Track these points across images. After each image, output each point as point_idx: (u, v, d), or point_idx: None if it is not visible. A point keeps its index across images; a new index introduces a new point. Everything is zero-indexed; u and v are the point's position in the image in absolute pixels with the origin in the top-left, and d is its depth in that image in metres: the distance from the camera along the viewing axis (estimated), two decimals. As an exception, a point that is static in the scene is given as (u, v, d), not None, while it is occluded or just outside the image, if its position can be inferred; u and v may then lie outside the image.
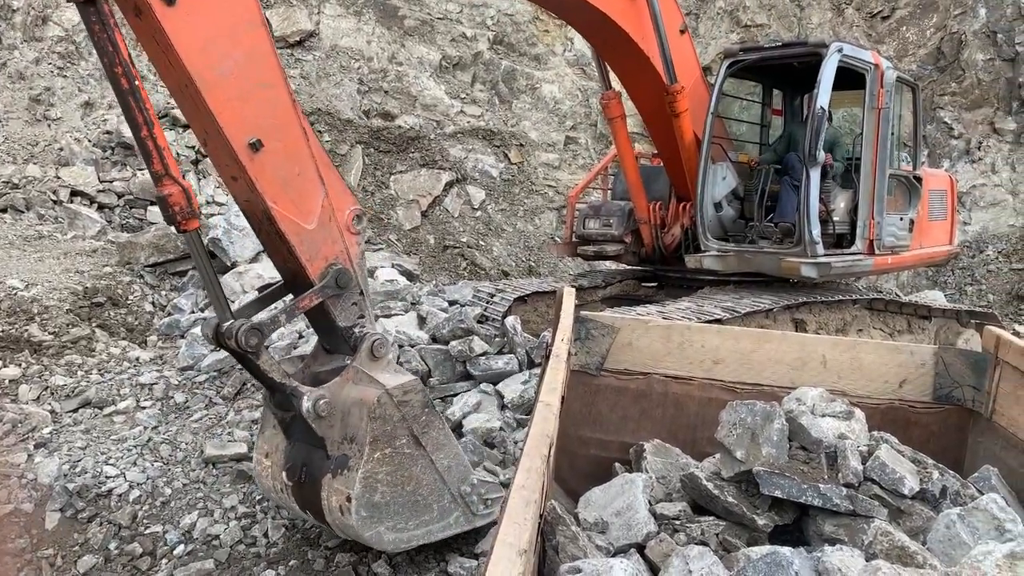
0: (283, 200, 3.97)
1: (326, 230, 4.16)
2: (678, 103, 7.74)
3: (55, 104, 13.40)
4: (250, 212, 4.12)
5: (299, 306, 4.12)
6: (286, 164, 3.98)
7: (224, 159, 3.91)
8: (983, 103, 16.06)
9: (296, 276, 4.22)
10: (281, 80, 3.99)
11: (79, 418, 6.36)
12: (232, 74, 3.75)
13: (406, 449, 4.25)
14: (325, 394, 4.10)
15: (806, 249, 7.57)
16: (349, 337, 4.32)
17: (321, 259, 4.16)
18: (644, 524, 2.86)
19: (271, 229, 4.04)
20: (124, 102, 3.56)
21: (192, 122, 3.99)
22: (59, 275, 8.69)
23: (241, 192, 4.03)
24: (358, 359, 4.25)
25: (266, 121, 3.89)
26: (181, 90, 3.78)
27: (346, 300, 4.27)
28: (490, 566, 1.28)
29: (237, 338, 3.84)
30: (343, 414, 4.17)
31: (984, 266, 15.13)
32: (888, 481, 2.79)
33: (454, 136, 16.77)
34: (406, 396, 4.23)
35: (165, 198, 3.64)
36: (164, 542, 5.12)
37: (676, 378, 3.90)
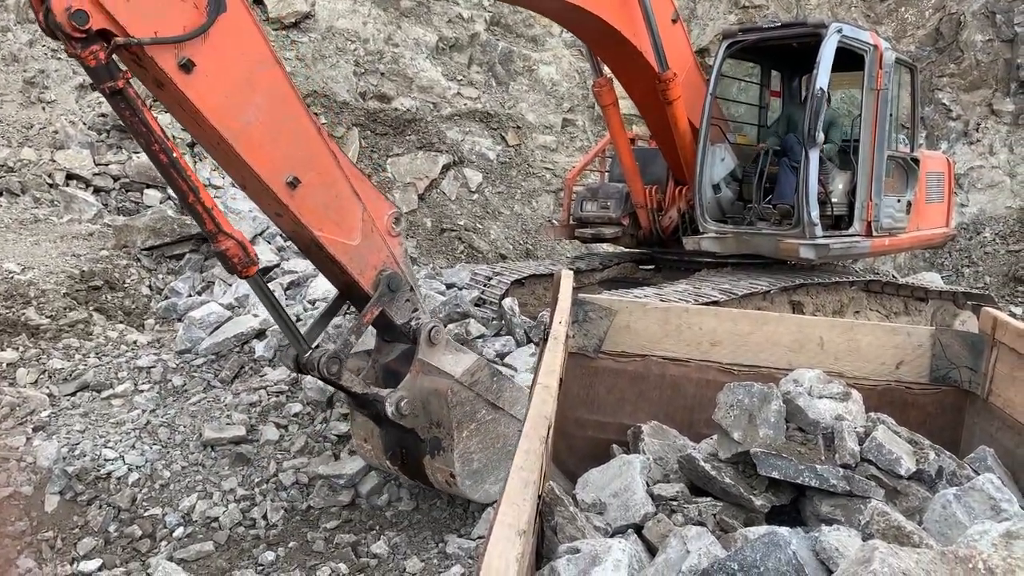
0: (328, 225, 4.13)
1: (370, 241, 4.34)
2: (670, 91, 7.69)
3: (49, 87, 13.30)
4: (298, 240, 4.31)
5: (363, 321, 4.37)
6: (324, 192, 4.10)
7: (266, 201, 4.04)
8: (981, 84, 16.02)
9: (350, 287, 4.44)
10: (303, 111, 4.06)
11: (77, 401, 6.37)
12: (257, 120, 3.83)
13: (488, 416, 4.71)
14: (404, 394, 4.42)
15: (804, 231, 7.57)
16: (407, 332, 4.59)
17: (371, 269, 4.36)
18: (642, 505, 2.88)
19: (321, 254, 4.22)
20: (167, 175, 3.68)
21: (229, 171, 4.11)
22: (55, 259, 8.66)
23: (287, 225, 4.19)
24: (420, 350, 4.53)
25: (298, 156, 3.98)
26: (214, 146, 3.88)
27: (400, 299, 4.50)
28: (489, 546, 1.29)
29: (320, 369, 4.18)
30: (423, 404, 4.54)
31: (981, 248, 15.15)
32: (885, 462, 2.80)
33: (451, 118, 16.70)
34: (474, 377, 4.65)
35: (224, 252, 3.82)
36: (163, 524, 5.14)
37: (674, 360, 3.91)
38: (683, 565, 1.90)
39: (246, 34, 3.84)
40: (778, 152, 8.49)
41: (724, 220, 8.34)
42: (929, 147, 16.07)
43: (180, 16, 3.58)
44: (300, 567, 4.83)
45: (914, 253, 15.48)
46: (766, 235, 7.95)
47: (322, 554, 4.97)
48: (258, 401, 6.27)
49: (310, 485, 5.55)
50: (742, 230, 8.14)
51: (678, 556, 1.97)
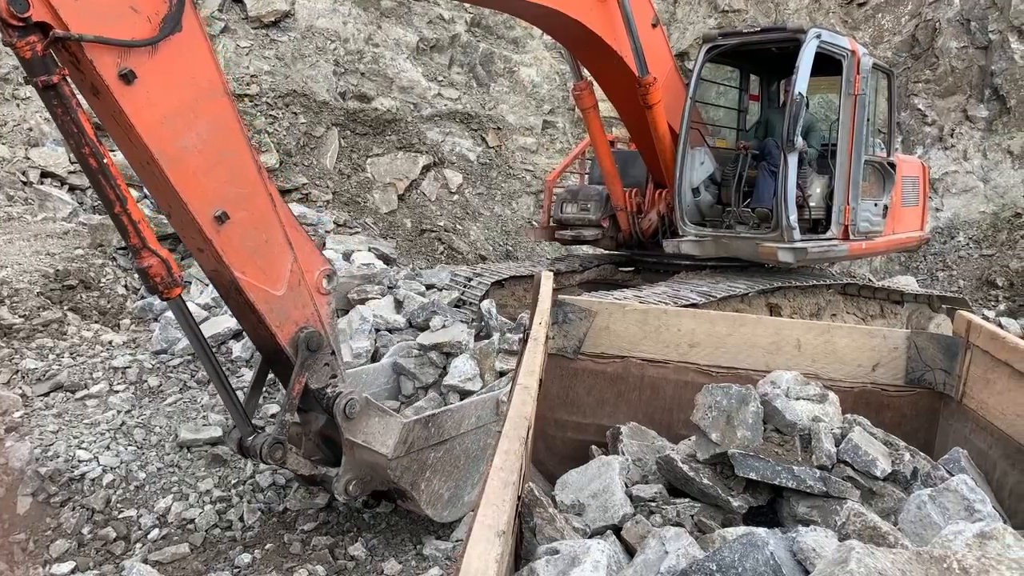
0: (251, 269, 3.92)
1: (295, 294, 4.11)
2: (650, 95, 7.72)
3: (23, 83, 13.13)
4: (217, 281, 4.07)
5: (293, 395, 4.19)
6: (253, 233, 3.91)
7: (190, 232, 3.85)
8: (956, 90, 16.23)
9: (265, 344, 4.23)
10: (245, 148, 3.90)
11: (51, 402, 6.28)
12: (195, 148, 3.67)
13: (438, 454, 4.57)
14: (349, 476, 4.39)
15: (783, 234, 7.62)
16: (321, 399, 4.34)
17: (291, 324, 4.11)
18: (620, 506, 2.89)
19: (239, 298, 3.98)
20: (94, 181, 3.53)
21: (156, 196, 3.94)
22: (29, 257, 8.55)
23: (207, 263, 3.98)
24: (343, 428, 4.37)
25: (231, 191, 3.81)
26: (143, 166, 3.70)
27: (318, 363, 4.25)
28: (468, 547, 1.28)
29: (263, 458, 4.11)
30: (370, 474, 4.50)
31: (955, 252, 15.34)
32: (861, 463, 2.83)
33: (431, 119, 16.68)
34: (408, 444, 4.41)
35: (145, 270, 3.63)
36: (138, 526, 5.09)
37: (652, 361, 3.93)
38: (662, 566, 1.91)
39: (198, 60, 3.69)
40: (757, 156, 8.55)
41: (703, 223, 8.39)
42: (905, 151, 16.26)
43: (130, 26, 3.42)
44: (277, 569, 4.79)
45: (890, 257, 15.64)
46: (745, 238, 8.00)
47: (299, 556, 4.93)
48: (235, 402, 6.21)
49: (287, 487, 5.51)
50: (721, 233, 8.19)
51: (656, 557, 1.97)
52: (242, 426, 4.15)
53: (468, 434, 4.77)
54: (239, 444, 4.20)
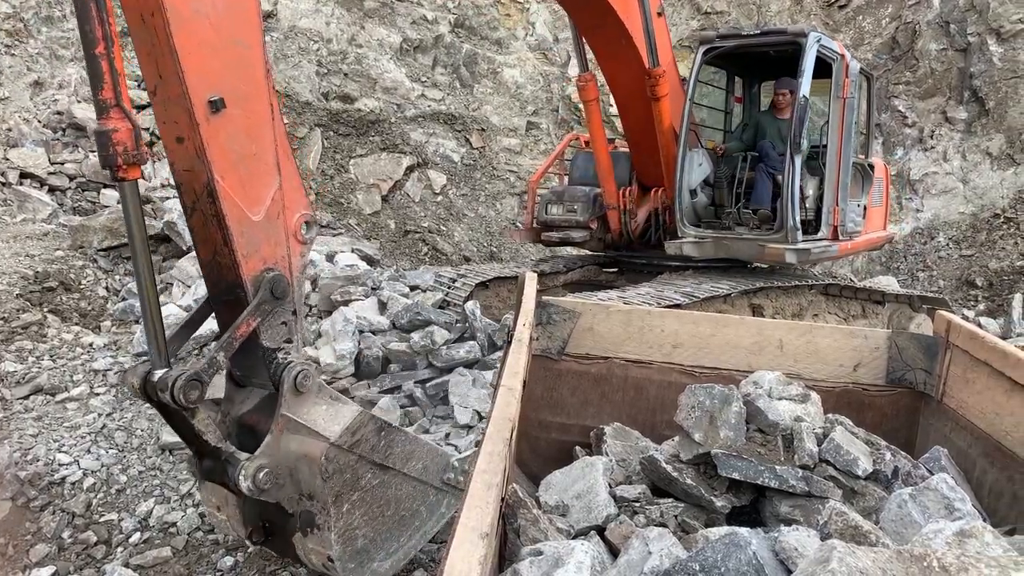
0: (231, 177, 3.42)
1: (272, 226, 3.60)
2: (660, 87, 7.75)
3: (3, 83, 13.00)
4: (187, 185, 3.49)
5: (237, 334, 3.46)
6: (244, 138, 3.46)
7: (175, 113, 3.33)
8: (936, 92, 16.38)
9: (222, 276, 3.59)
10: (258, 44, 3.49)
11: (30, 405, 6.22)
12: (208, 17, 3.25)
13: (374, 481, 3.78)
14: (264, 462, 3.44)
15: (787, 235, 7.69)
16: (271, 362, 3.63)
17: (259, 259, 3.57)
18: (604, 507, 2.89)
19: (209, 210, 3.44)
20: (83, 8, 2.99)
21: (145, 62, 3.37)
22: (8, 259, 8.46)
23: (183, 158, 3.44)
24: (284, 401, 3.57)
25: (233, 82, 3.39)
26: (143, 19, 3.18)
27: (276, 317, 3.62)
28: (452, 549, 1.28)
29: (174, 393, 3.20)
30: (289, 471, 3.59)
31: (935, 252, 15.48)
32: (842, 462, 2.85)
33: (415, 120, 16.65)
34: (356, 436, 3.67)
35: (108, 133, 3.08)
36: (119, 530, 5.04)
37: (636, 362, 3.94)
38: (645, 566, 1.91)
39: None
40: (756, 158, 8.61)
41: (698, 224, 8.44)
42: (886, 153, 16.40)
43: None
44: (260, 572, 4.76)
45: (871, 257, 15.77)
46: (747, 240, 8.06)
47: (281, 560, 4.91)
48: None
49: (271, 489, 5.48)
50: (722, 235, 8.23)
51: (640, 557, 1.98)
52: (156, 358, 3.36)
53: (408, 479, 3.99)
54: (143, 380, 3.36)
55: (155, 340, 3.34)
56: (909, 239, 15.91)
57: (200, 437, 3.42)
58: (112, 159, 3.11)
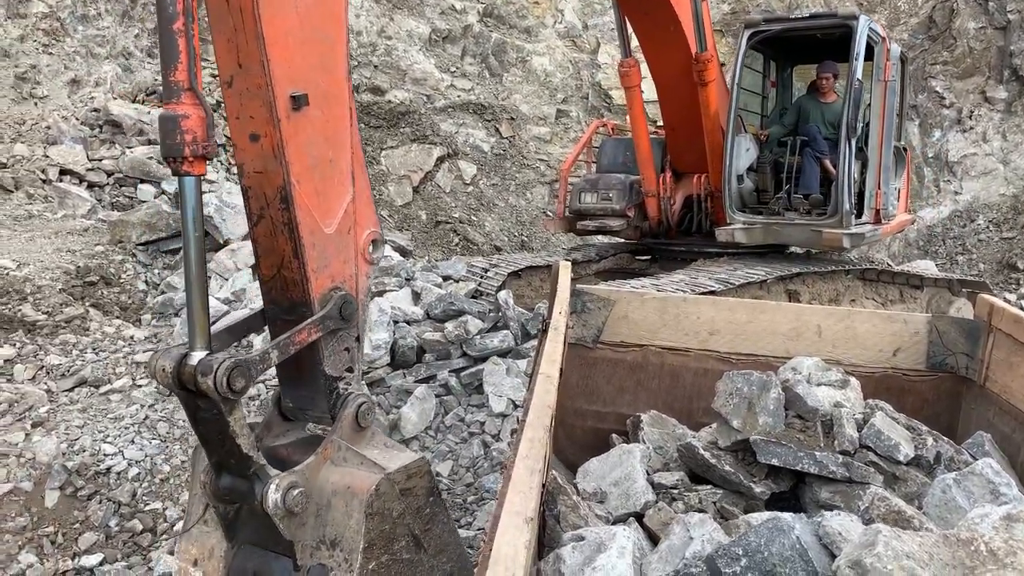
0: (307, 183, 3.11)
1: (343, 242, 3.29)
2: (708, 72, 7.68)
3: (41, 82, 13.26)
4: (257, 189, 3.14)
5: (295, 340, 3.10)
6: (322, 141, 3.17)
7: (252, 107, 3.02)
8: (974, 72, 16.04)
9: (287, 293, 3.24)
10: (343, 42, 3.23)
11: (75, 397, 6.36)
12: (294, 7, 3.00)
13: (404, 554, 3.27)
14: (298, 481, 3.00)
15: (842, 220, 7.63)
16: (331, 392, 3.30)
17: (328, 276, 3.24)
18: (642, 493, 2.90)
19: (281, 217, 3.10)
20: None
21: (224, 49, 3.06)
22: (51, 254, 8.64)
23: (256, 158, 3.10)
24: (339, 428, 3.20)
25: (316, 79, 3.11)
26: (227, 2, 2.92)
27: (340, 341, 3.30)
28: (498, 533, 1.30)
29: (217, 378, 2.74)
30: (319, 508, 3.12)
31: (975, 235, 15.20)
32: (884, 448, 2.83)
33: (444, 110, 16.68)
34: (410, 483, 3.24)
35: (177, 119, 2.72)
36: (164, 518, 5.15)
37: (672, 349, 3.93)
38: (687, 551, 1.92)
39: None
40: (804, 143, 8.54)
41: (743, 210, 8.39)
42: (923, 135, 16.11)
43: None
44: (301, 559, 4.84)
45: (908, 241, 15.53)
46: (799, 225, 8.00)
47: (322, 546, 4.98)
48: (257, 395, 6.27)
49: (310, 478, 5.56)
50: (772, 220, 8.17)
51: (681, 542, 1.99)
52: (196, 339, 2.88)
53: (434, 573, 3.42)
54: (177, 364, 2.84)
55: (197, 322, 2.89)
56: (948, 222, 15.63)
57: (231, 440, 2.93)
58: (178, 149, 2.73)
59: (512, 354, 6.54)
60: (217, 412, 2.84)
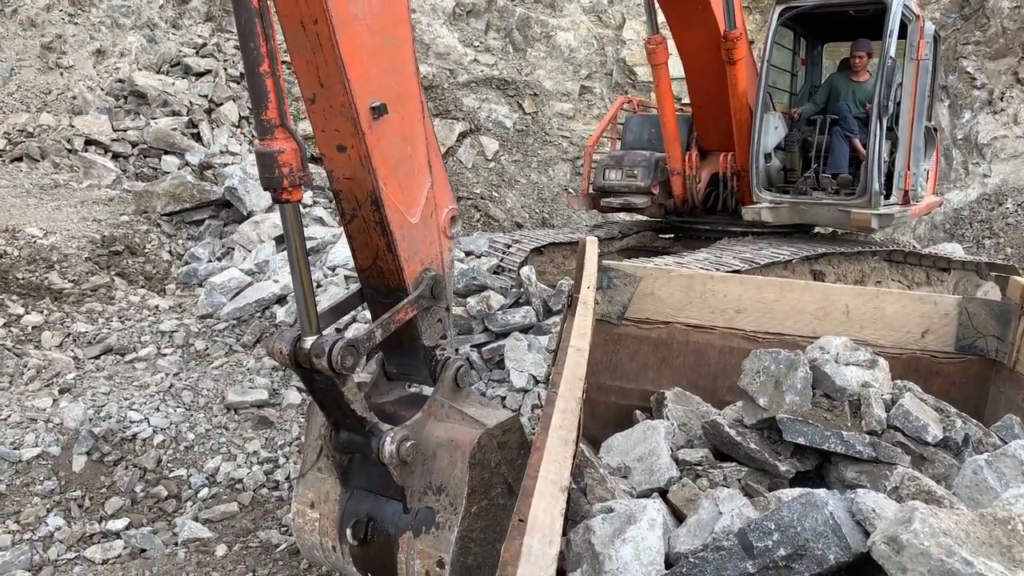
0: (393, 183, 3.36)
1: (426, 226, 3.58)
2: (736, 50, 7.56)
3: (67, 52, 13.31)
4: (347, 193, 3.44)
5: (395, 319, 3.47)
6: (400, 142, 3.37)
7: (336, 122, 3.24)
8: (1007, 52, 15.74)
9: (383, 281, 3.61)
10: (409, 38, 3.35)
11: (101, 364, 6.44)
12: (366, 18, 3.12)
13: (500, 500, 3.59)
14: (409, 434, 3.41)
15: (871, 200, 7.54)
16: (430, 360, 3.71)
17: (418, 261, 3.56)
18: (666, 469, 2.91)
19: (373, 217, 3.39)
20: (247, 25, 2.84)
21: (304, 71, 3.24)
22: (76, 223, 8.72)
23: (344, 167, 3.35)
24: (440, 389, 3.62)
25: (390, 84, 3.27)
26: (303, 26, 3.06)
27: (433, 315, 3.67)
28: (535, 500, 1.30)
29: (331, 357, 3.15)
30: (425, 458, 3.51)
31: (1003, 219, 14.98)
32: (912, 429, 2.81)
33: (467, 85, 16.60)
34: (505, 437, 3.55)
35: (274, 155, 2.94)
36: (188, 485, 5.22)
37: (697, 327, 3.92)
38: (716, 526, 1.92)
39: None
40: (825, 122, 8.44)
41: (770, 189, 8.31)
42: (953, 116, 15.85)
43: None
44: (323, 528, 4.90)
45: (934, 223, 15.34)
46: (827, 205, 7.91)
47: (344, 516, 5.03)
48: (280, 365, 6.32)
49: (332, 449, 5.61)
50: (800, 200, 8.09)
51: (710, 517, 1.98)
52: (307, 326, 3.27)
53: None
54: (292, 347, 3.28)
55: (306, 310, 3.27)
56: (975, 205, 15.41)
57: (347, 406, 3.37)
58: (277, 181, 2.97)
59: (534, 330, 6.55)
60: (332, 385, 3.23)
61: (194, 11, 14.99)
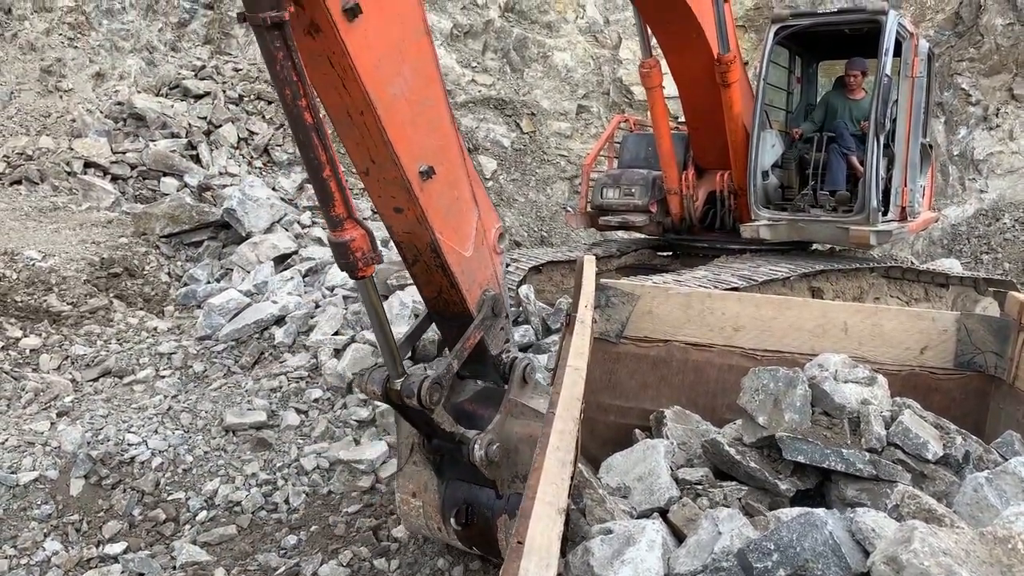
0: (447, 229, 3.64)
1: (479, 254, 3.89)
2: (731, 72, 7.59)
3: (66, 75, 13.38)
4: (408, 244, 3.75)
5: (467, 346, 3.87)
6: (447, 189, 3.62)
7: (391, 190, 3.50)
8: (1002, 69, 15.83)
9: (449, 309, 3.97)
10: (442, 94, 3.56)
11: (100, 387, 6.43)
12: (403, 95, 3.34)
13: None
14: (493, 437, 3.81)
15: (869, 217, 7.57)
16: (499, 365, 4.11)
17: (477, 287, 3.90)
18: (666, 489, 2.89)
19: (434, 262, 3.72)
20: (305, 139, 3.10)
21: (355, 151, 3.51)
22: (75, 246, 8.73)
23: (402, 224, 3.64)
24: (512, 389, 3.99)
25: (432, 143, 3.51)
26: (349, 117, 3.31)
27: (496, 326, 4.03)
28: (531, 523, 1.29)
29: (421, 396, 3.59)
30: (508, 452, 3.91)
31: (1000, 234, 15.01)
32: (912, 446, 2.80)
33: (465, 105, 16.68)
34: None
35: (347, 244, 3.21)
36: (187, 508, 5.19)
37: (696, 345, 3.91)
38: (715, 546, 1.91)
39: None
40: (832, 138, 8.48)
41: (768, 206, 8.34)
42: (948, 132, 15.93)
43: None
44: (322, 551, 4.86)
45: (932, 239, 15.37)
46: (825, 222, 7.94)
47: (343, 538, 5.00)
48: (278, 387, 6.31)
49: (331, 469, 5.58)
50: (798, 217, 8.12)
51: (710, 537, 1.97)
52: (393, 368, 3.72)
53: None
54: (384, 386, 3.74)
55: (391, 355, 3.68)
56: (972, 220, 15.45)
57: (436, 425, 3.79)
58: (352, 265, 3.25)
59: (533, 348, 6.53)
60: (421, 413, 3.69)
61: (193, 34, 15.08)
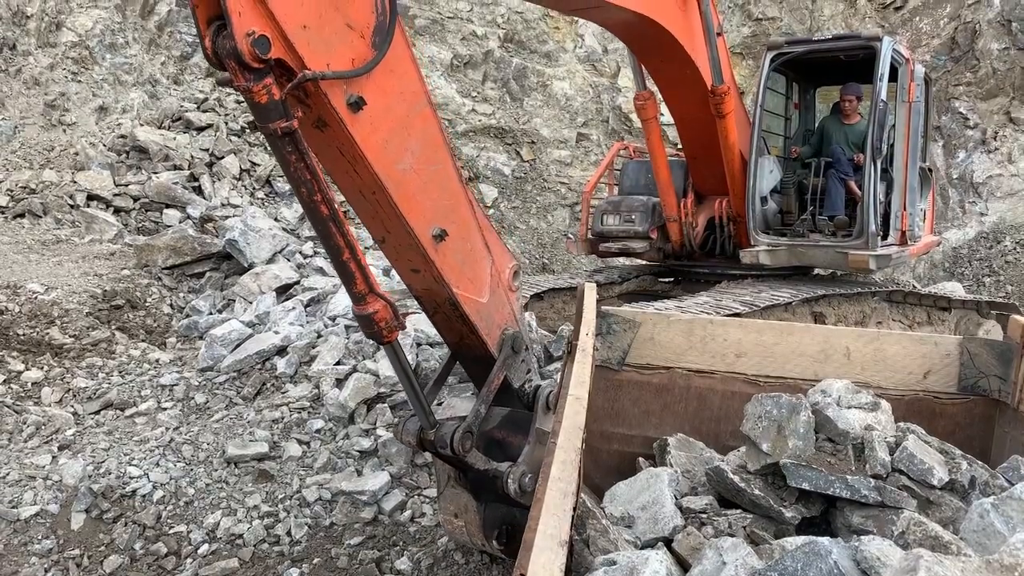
0: (463, 282, 3.79)
1: (496, 298, 4.02)
2: (724, 104, 7.62)
3: (70, 109, 13.50)
4: (427, 299, 3.94)
5: (491, 388, 4.04)
6: (461, 244, 3.76)
7: (407, 255, 3.68)
8: (998, 93, 15.92)
9: (471, 352, 4.14)
10: (448, 157, 3.69)
11: (101, 420, 6.41)
12: (412, 168, 3.46)
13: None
14: (526, 468, 3.93)
15: (868, 241, 7.59)
16: (522, 396, 4.25)
17: (496, 329, 4.05)
18: (671, 518, 2.87)
19: (453, 313, 3.88)
20: (324, 230, 3.27)
21: (370, 223, 3.66)
22: (78, 278, 8.75)
23: (420, 283, 3.82)
24: (538, 418, 4.10)
25: (443, 206, 3.64)
26: (362, 196, 3.46)
27: (516, 361, 4.18)
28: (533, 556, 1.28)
29: (454, 446, 3.84)
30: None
31: (1001, 257, 15.01)
32: (917, 472, 2.79)
33: (466, 135, 16.79)
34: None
35: (371, 316, 3.46)
36: (188, 541, 5.15)
37: (699, 372, 3.90)
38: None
39: (407, 71, 3.43)
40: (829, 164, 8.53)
41: (767, 232, 8.36)
42: (947, 156, 15.99)
43: (349, 48, 3.13)
44: (324, 583, 4.83)
45: (934, 263, 15.37)
46: (825, 247, 7.97)
47: (346, 570, 4.96)
48: (280, 418, 6.29)
49: (333, 501, 5.55)
50: (797, 242, 8.14)
51: (714, 567, 1.95)
52: (425, 419, 3.97)
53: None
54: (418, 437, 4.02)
55: (422, 410, 3.94)
56: (974, 243, 15.46)
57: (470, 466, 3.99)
58: (378, 334, 3.50)
59: (535, 377, 6.52)
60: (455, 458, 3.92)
61: (195, 67, 15.22)
